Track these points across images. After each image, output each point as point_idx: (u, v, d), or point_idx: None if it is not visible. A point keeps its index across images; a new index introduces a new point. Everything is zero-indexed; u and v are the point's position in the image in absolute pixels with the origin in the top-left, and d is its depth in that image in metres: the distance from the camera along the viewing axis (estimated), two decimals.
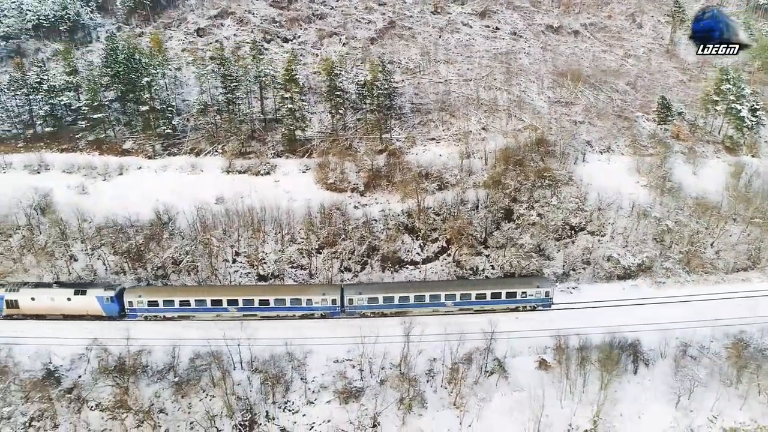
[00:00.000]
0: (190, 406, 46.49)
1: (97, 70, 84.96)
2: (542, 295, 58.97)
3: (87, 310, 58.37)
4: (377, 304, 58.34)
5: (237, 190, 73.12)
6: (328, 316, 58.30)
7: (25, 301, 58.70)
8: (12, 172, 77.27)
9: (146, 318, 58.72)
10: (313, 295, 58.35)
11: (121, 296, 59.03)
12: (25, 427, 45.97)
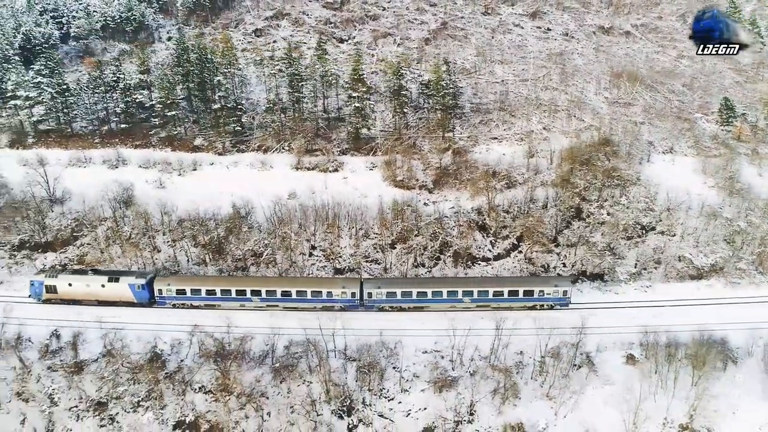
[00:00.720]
0: (290, 390, 48.43)
1: (168, 69, 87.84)
2: (560, 294, 59.04)
3: (120, 296, 60.57)
4: (395, 299, 59.01)
5: (307, 186, 75.23)
6: (348, 308, 59.02)
7: (63, 286, 60.97)
8: (92, 167, 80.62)
9: (174, 305, 60.50)
10: (334, 288, 59.40)
11: (152, 284, 61.01)
12: (134, 407, 48.46)
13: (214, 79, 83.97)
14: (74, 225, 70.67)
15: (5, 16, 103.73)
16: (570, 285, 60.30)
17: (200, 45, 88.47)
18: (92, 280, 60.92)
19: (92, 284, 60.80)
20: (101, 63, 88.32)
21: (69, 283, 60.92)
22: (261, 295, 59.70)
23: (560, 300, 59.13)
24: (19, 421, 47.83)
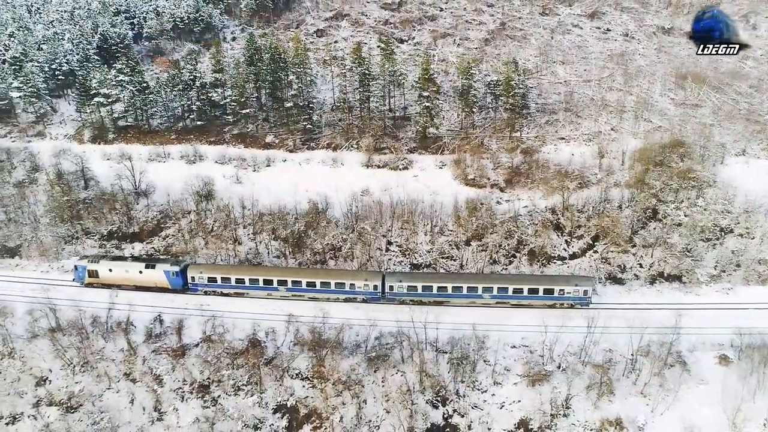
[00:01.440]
0: (384, 380, 49.98)
1: (240, 68, 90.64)
2: (580, 293, 58.46)
3: (156, 282, 63.34)
4: (416, 293, 59.88)
5: (379, 183, 76.83)
6: (369, 300, 60.35)
7: (104, 271, 64.35)
8: (171, 162, 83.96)
9: (205, 292, 62.98)
10: (356, 281, 60.39)
11: (185, 271, 63.43)
12: (236, 390, 50.72)
13: (286, 78, 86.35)
14: (159, 217, 73.83)
15: (83, 17, 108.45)
16: (591, 285, 59.83)
17: (272, 45, 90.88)
18: (131, 266, 64.33)
19: (131, 270, 64.10)
20: (179, 62, 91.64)
21: (109, 268, 64.55)
22: (287, 285, 61.56)
23: (581, 299, 58.60)
24: (128, 400, 50.54)
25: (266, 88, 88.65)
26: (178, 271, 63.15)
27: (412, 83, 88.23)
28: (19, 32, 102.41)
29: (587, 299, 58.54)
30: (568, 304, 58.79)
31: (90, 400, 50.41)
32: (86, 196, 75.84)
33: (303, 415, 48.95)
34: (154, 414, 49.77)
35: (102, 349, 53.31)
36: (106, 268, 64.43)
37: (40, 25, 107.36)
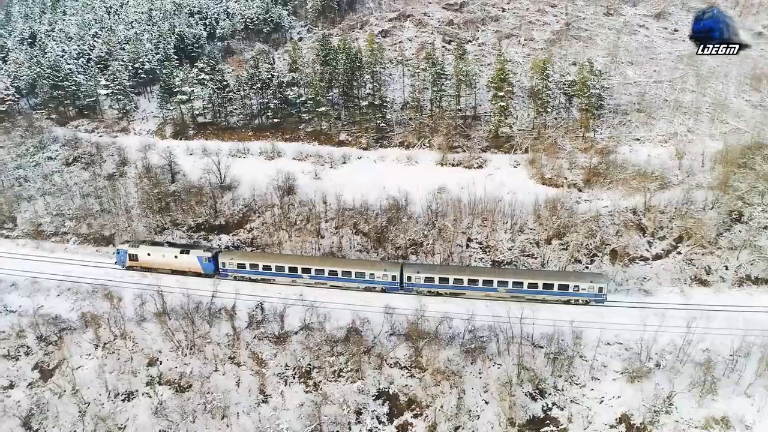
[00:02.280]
0: (481, 371, 51.27)
1: (317, 68, 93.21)
2: (595, 290, 58.62)
3: (189, 267, 66.58)
4: (433, 284, 61.29)
5: (454, 181, 78.01)
6: (388, 290, 62.10)
7: (143, 255, 67.79)
8: (250, 158, 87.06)
9: (235, 278, 65.47)
10: (376, 270, 62.22)
11: (217, 258, 66.29)
12: (336, 376, 52.78)
13: (361, 77, 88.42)
14: (245, 210, 76.77)
15: (159, 18, 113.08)
16: (606, 282, 59.72)
17: (345, 45, 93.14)
18: (167, 251, 67.61)
19: (167, 255, 67.45)
20: (257, 61, 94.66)
21: (148, 253, 67.94)
22: (310, 273, 63.96)
23: (595, 296, 58.86)
24: (234, 382, 53.14)
25: (340, 87, 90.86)
26: (210, 257, 66.44)
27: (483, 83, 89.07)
28: (102, 32, 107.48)
29: (603, 296, 58.84)
30: (583, 300, 59.37)
31: (199, 380, 53.18)
32: (175, 189, 79.21)
33: (403, 402, 50.55)
34: (260, 396, 52.15)
35: (207, 333, 56.13)
36: (145, 252, 68.06)
37: (121, 25, 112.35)
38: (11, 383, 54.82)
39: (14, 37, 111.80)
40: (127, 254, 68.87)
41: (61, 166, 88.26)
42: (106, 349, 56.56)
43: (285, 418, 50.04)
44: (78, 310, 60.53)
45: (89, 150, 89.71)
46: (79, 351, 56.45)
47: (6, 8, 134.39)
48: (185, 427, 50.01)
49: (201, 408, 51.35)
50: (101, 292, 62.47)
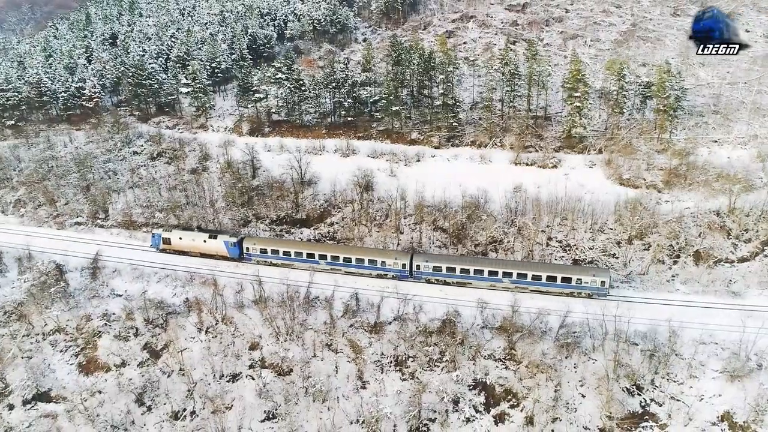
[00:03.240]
0: (576, 366, 52.25)
1: (390, 67, 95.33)
2: (597, 284, 59.42)
3: (216, 251, 70.21)
4: (441, 273, 63.31)
5: (530, 180, 78.92)
6: (398, 278, 64.23)
7: (176, 239, 71.88)
8: (326, 155, 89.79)
9: (257, 262, 68.95)
10: (387, 259, 64.73)
11: (241, 243, 69.59)
12: (431, 366, 54.54)
13: (436, 77, 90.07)
14: (325, 205, 79.37)
15: (232, 19, 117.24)
16: (609, 277, 60.35)
17: (417, 46, 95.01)
18: (197, 236, 71.55)
19: (196, 239, 71.34)
20: (332, 61, 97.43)
21: (180, 237, 72.08)
22: (326, 259, 66.79)
23: (598, 290, 59.56)
24: (333, 368, 55.47)
25: (412, 87, 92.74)
26: (235, 242, 69.78)
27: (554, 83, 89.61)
28: (179, 33, 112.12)
29: (605, 290, 59.54)
30: (586, 293, 60.13)
31: (299, 365, 55.68)
32: (258, 183, 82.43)
33: (499, 393, 51.95)
34: (358, 382, 54.31)
35: (305, 321, 58.67)
36: (177, 236, 72.21)
37: (196, 26, 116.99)
38: (123, 362, 58.48)
39: (96, 37, 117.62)
40: (161, 238, 73.11)
41: (146, 161, 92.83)
42: (209, 333, 59.74)
43: (384, 403, 51.90)
44: (180, 296, 63.99)
45: (172, 145, 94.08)
46: (184, 334, 59.77)
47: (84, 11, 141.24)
48: (289, 409, 52.42)
49: (302, 391, 53.75)
50: (198, 279, 65.94)
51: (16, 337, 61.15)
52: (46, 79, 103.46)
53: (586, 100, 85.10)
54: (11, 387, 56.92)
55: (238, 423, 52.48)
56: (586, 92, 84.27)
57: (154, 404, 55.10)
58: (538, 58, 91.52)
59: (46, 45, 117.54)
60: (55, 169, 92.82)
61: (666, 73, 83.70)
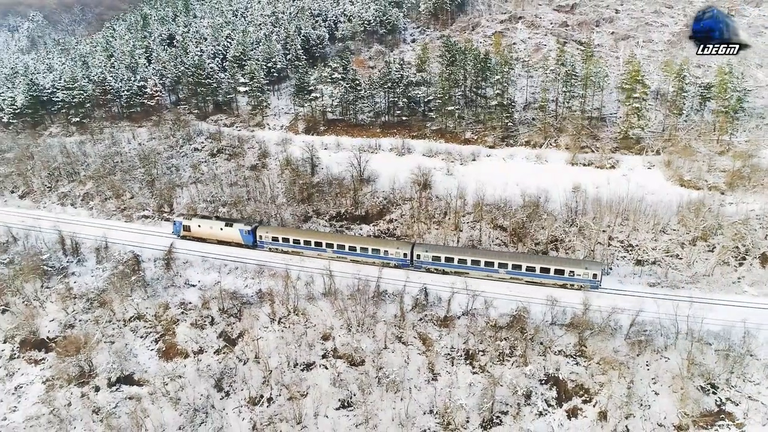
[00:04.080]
0: (648, 364, 52.73)
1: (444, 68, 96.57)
2: (589, 276, 61.03)
3: (232, 238, 74.45)
4: (440, 263, 66.26)
5: (588, 180, 79.28)
6: (400, 266, 67.14)
7: (195, 227, 76.28)
8: (382, 153, 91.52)
9: (270, 249, 73.38)
10: (390, 248, 68.28)
11: (255, 231, 73.66)
12: (501, 360, 55.63)
13: (491, 77, 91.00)
14: (384, 203, 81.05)
15: (285, 20, 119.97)
16: (600, 269, 61.54)
17: (472, 47, 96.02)
18: (214, 224, 75.74)
19: (214, 227, 75.57)
20: (388, 62, 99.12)
21: (198, 224, 76.33)
22: (333, 247, 70.25)
23: (590, 282, 61.31)
24: (403, 360, 56.99)
25: (466, 87, 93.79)
26: (249, 230, 73.81)
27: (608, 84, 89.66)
28: (234, 34, 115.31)
29: (596, 282, 61.20)
30: (578, 285, 61.88)
31: (370, 356, 57.37)
32: (318, 180, 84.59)
33: (571, 388, 52.74)
34: (429, 374, 55.72)
35: (374, 314, 60.35)
36: (197, 224, 76.38)
37: (250, 27, 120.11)
38: (201, 349, 61.04)
39: (154, 38, 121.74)
40: (182, 225, 77.20)
41: (207, 157, 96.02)
42: (282, 323, 61.89)
43: (456, 395, 53.22)
44: (251, 288, 66.37)
45: (231, 143, 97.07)
46: (258, 324, 62.01)
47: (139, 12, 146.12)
48: (363, 398, 54.14)
49: (375, 381, 55.40)
50: (267, 271, 68.27)
51: (100, 322, 64.34)
52: (110, 78, 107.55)
53: (644, 101, 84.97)
54: (97, 370, 59.97)
55: (315, 410, 54.34)
56: (645, 93, 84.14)
57: (232, 390, 57.42)
58: (594, 58, 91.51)
59: (108, 45, 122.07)
60: (120, 164, 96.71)
61: (727, 74, 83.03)
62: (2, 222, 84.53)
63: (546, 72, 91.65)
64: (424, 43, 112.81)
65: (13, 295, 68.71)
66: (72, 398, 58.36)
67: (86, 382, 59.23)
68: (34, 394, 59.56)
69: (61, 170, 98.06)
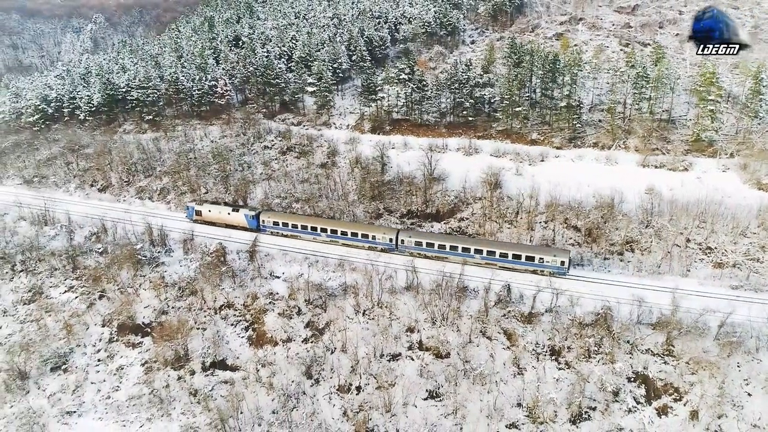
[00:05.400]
0: (739, 365, 52.91)
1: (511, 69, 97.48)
2: (557, 263, 65.42)
3: (238, 222, 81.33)
4: (421, 247, 71.64)
5: (661, 183, 79.12)
6: (386, 251, 73.15)
7: (206, 212, 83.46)
8: (449, 153, 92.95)
9: (271, 233, 79.60)
10: (377, 233, 73.86)
11: (259, 216, 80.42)
12: (586, 357, 56.50)
13: (560, 78, 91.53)
14: (455, 201, 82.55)
15: (348, 22, 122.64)
16: (567, 256, 65.84)
17: (539, 49, 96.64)
18: (222, 209, 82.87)
19: (222, 212, 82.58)
20: (456, 63, 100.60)
21: (209, 210, 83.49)
22: (327, 232, 76.67)
23: (558, 269, 65.70)
24: (488, 354, 58.42)
25: (531, 88, 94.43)
26: (254, 215, 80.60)
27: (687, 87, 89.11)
28: (299, 36, 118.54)
29: (564, 269, 65.41)
30: (548, 272, 65.99)
31: (455, 349, 59.02)
32: (389, 179, 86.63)
33: (660, 387, 53.31)
34: (515, 369, 57.03)
35: (458, 308, 61.98)
36: (207, 209, 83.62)
37: (315, 29, 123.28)
38: (289, 337, 63.71)
39: (220, 40, 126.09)
40: (194, 210, 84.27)
41: (277, 155, 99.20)
42: (366, 315, 64.09)
43: (544, 390, 54.38)
44: (334, 281, 68.81)
45: (301, 141, 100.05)
46: (342, 315, 64.35)
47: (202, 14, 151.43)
48: (450, 389, 55.80)
49: (461, 374, 57.00)
50: (347, 266, 70.63)
51: (192, 310, 67.73)
52: (182, 77, 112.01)
53: (718, 103, 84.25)
54: (191, 354, 63.25)
55: (403, 399, 56.22)
56: (720, 96, 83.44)
57: (321, 377, 59.81)
58: (665, 60, 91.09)
59: (177, 46, 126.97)
60: (194, 160, 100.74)
61: None
62: (90, 214, 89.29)
63: (616, 73, 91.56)
64: (491, 44, 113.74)
65: (108, 282, 72.80)
66: (169, 380, 61.72)
67: (182, 365, 62.52)
68: (134, 376, 63.19)
69: (138, 165, 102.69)
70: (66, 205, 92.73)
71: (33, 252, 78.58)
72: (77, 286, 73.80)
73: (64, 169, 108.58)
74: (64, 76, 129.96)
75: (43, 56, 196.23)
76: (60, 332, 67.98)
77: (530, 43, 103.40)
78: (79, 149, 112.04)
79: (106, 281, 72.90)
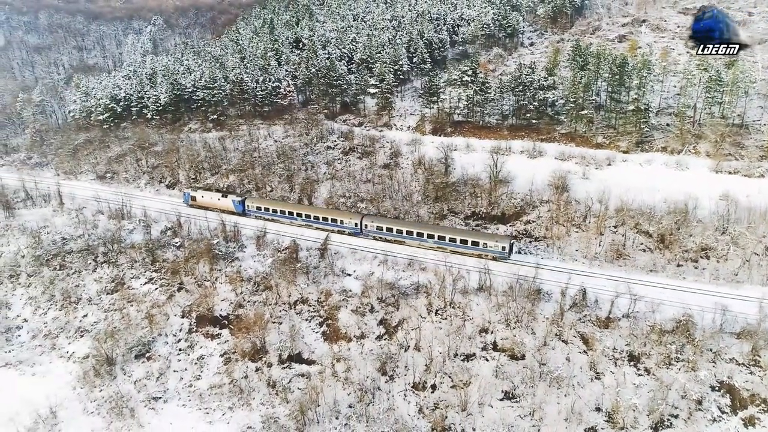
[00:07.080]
0: None
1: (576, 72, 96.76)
2: (499, 248, 71.03)
3: (227, 207, 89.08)
4: (382, 232, 77.89)
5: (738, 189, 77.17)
6: (353, 234, 79.64)
7: (199, 197, 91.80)
8: (513, 156, 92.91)
9: (256, 217, 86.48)
10: (345, 218, 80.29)
11: (244, 202, 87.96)
12: (667, 364, 55.87)
13: (630, 81, 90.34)
14: (521, 204, 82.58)
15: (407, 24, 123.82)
16: (508, 242, 71.43)
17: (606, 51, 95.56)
18: (213, 195, 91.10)
19: (213, 197, 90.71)
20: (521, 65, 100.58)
21: (202, 195, 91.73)
22: (302, 216, 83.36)
23: (500, 253, 71.33)
24: (564, 358, 58.42)
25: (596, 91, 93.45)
26: (240, 201, 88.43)
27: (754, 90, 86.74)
28: (359, 38, 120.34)
29: (505, 254, 70.99)
30: (491, 256, 71.73)
31: (530, 351, 59.25)
32: (454, 180, 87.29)
33: (746, 397, 52.35)
34: (592, 373, 56.88)
35: (532, 311, 62.19)
36: (201, 195, 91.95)
37: (375, 30, 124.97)
38: (362, 334, 65.13)
39: (281, 41, 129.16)
40: (190, 196, 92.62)
41: (340, 155, 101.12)
42: (439, 314, 64.94)
43: (624, 396, 54.08)
44: (404, 279, 69.91)
45: (363, 142, 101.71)
46: (415, 314, 65.39)
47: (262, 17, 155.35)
48: (527, 391, 56.09)
49: (537, 376, 57.19)
50: (417, 265, 71.65)
51: (268, 304, 70.00)
52: (246, 78, 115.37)
53: None
54: (269, 347, 65.37)
55: (479, 399, 56.81)
56: None
57: (396, 374, 60.89)
58: (738, 63, 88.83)
59: (240, 48, 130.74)
60: (258, 159, 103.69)
61: None
62: (162, 209, 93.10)
63: (687, 77, 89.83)
64: (554, 46, 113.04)
65: (186, 275, 75.89)
66: (248, 371, 63.96)
67: (260, 357, 64.68)
68: (214, 366, 65.73)
69: (205, 163, 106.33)
70: (140, 201, 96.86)
71: (114, 244, 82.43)
72: (157, 278, 77.14)
73: (134, 165, 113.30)
74: (131, 77, 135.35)
75: (105, 57, 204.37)
76: (142, 321, 71.20)
77: (596, 45, 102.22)
78: (147, 147, 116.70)
79: (184, 274, 75.92)
